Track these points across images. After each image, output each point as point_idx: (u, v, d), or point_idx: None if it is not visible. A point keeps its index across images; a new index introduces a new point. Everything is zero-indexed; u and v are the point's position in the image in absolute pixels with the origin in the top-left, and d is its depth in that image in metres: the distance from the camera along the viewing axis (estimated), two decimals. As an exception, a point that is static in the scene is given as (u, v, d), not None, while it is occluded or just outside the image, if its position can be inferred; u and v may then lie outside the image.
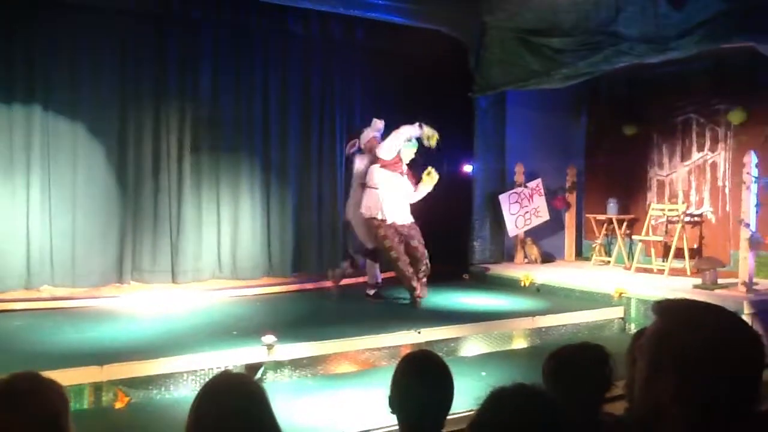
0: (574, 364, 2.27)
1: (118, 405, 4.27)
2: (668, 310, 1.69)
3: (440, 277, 8.51)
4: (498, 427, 1.38)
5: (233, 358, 4.77)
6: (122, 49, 7.66)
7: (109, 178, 7.65)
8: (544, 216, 9.05)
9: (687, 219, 8.21)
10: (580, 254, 9.67)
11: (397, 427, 2.24)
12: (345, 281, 7.64)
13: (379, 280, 7.36)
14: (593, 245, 9.24)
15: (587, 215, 9.55)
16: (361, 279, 7.81)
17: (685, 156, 8.66)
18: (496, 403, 1.42)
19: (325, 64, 8.95)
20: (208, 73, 8.14)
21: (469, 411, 3.09)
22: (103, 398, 4.35)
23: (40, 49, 7.22)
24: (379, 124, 7.31)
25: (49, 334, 5.45)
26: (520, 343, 6.21)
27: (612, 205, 9.01)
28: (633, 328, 6.51)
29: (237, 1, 7.97)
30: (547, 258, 9.21)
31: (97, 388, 4.32)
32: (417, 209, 9.41)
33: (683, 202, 8.45)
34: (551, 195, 9.28)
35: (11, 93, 7.13)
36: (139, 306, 6.74)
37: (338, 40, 8.93)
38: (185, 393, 4.53)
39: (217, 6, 8.02)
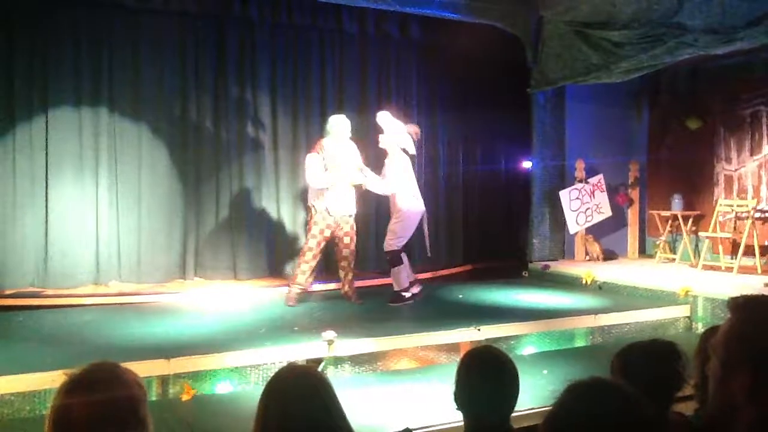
0: (645, 361, 2.21)
1: (185, 397, 4.37)
2: (744, 307, 1.64)
3: (499, 274, 8.47)
4: (576, 421, 1.36)
5: (295, 353, 4.84)
6: (182, 50, 7.88)
7: (171, 177, 7.87)
8: (606, 212, 8.87)
9: (757, 215, 7.92)
10: (643, 251, 9.44)
11: (461, 423, 2.23)
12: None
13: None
14: (657, 242, 9.01)
15: (651, 211, 9.31)
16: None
17: (755, 150, 8.35)
18: (574, 396, 1.40)
19: (381, 62, 8.99)
20: (266, 73, 8.29)
21: (531, 409, 3.07)
22: (170, 391, 4.47)
23: (105, 54, 7.50)
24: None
25: (118, 328, 5.63)
26: (581, 342, 6.11)
27: (677, 201, 8.76)
28: (700, 328, 6.31)
29: (293, 2, 8.08)
30: (609, 255, 9.02)
31: (165, 380, 4.45)
32: (473, 205, 9.39)
33: (753, 198, 8.16)
34: (613, 191, 9.09)
35: (79, 96, 7.43)
36: (203, 301, 6.90)
37: (394, 38, 8.96)
38: (249, 386, 4.63)
39: (274, 6, 8.14)
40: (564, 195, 8.68)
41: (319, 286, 7.65)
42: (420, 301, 6.80)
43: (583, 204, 8.72)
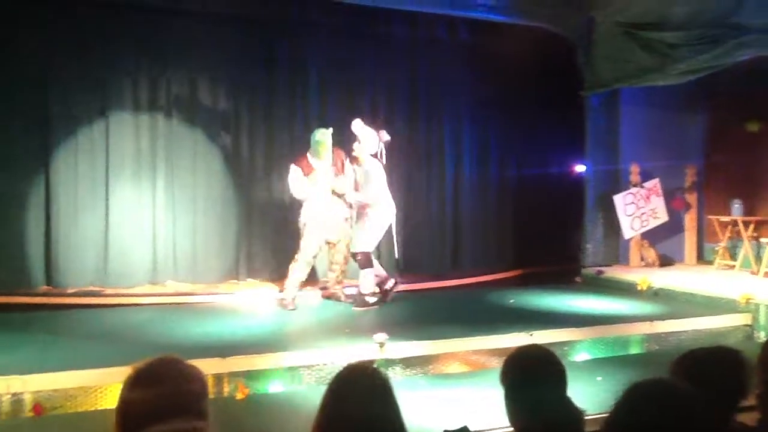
0: (707, 368, 2.14)
1: (239, 396, 4.45)
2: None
3: (551, 280, 8.36)
4: (638, 420, 1.34)
5: (347, 354, 4.87)
6: (237, 54, 8.05)
7: (226, 179, 8.05)
8: (662, 217, 8.67)
9: (823, 221, 7.63)
10: (701, 258, 9.18)
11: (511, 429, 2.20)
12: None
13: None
14: (716, 248, 8.75)
15: (709, 216, 9.05)
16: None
17: (820, 153, 8.06)
18: (636, 395, 1.38)
19: (431, 66, 9.00)
20: (316, 77, 8.40)
21: (586, 416, 3.00)
22: (225, 389, 4.55)
23: (162, 59, 7.72)
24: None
25: (174, 327, 5.77)
26: (637, 349, 5.99)
27: (737, 206, 8.49)
28: (762, 336, 6.11)
29: (344, 6, 8.14)
30: (665, 261, 8.81)
31: (219, 379, 4.53)
32: (524, 209, 9.27)
33: (818, 203, 7.87)
34: (669, 195, 8.87)
35: (138, 102, 7.68)
36: (256, 302, 7.01)
37: (443, 41, 8.96)
38: (301, 386, 4.68)
39: (327, 11, 8.22)
40: (618, 199, 8.52)
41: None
42: (469, 304, 6.76)
43: (638, 209, 8.54)
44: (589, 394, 4.18)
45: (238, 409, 4.29)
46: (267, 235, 8.20)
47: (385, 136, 6.84)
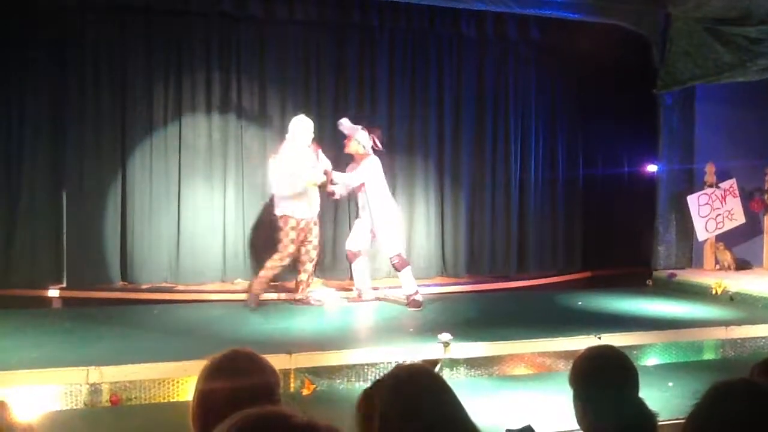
0: None
1: (305, 392, 4.53)
2: None
3: (620, 282, 8.17)
4: (721, 419, 1.30)
5: (411, 353, 4.89)
6: (305, 58, 8.19)
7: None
8: (739, 219, 8.34)
9: None
10: (780, 261, 8.79)
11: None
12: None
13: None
14: (797, 252, 8.37)
15: (790, 219, 8.66)
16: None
17: None
18: (719, 394, 1.34)
19: (499, 65, 8.93)
20: (384, 78, 8.44)
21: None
22: (291, 385, 4.64)
23: (233, 63, 7.92)
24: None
25: (242, 323, 5.91)
26: (711, 355, 5.78)
27: (820, 208, 8.11)
28: None
29: (412, 7, 8.16)
30: (741, 265, 8.46)
31: (286, 374, 4.61)
32: (593, 210, 9.06)
33: None
34: (747, 196, 8.52)
35: (210, 103, 7.89)
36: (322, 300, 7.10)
37: (512, 40, 8.88)
38: (366, 384, 4.71)
39: (394, 13, 8.27)
40: (692, 200, 8.25)
41: (435, 289, 7.72)
42: (535, 306, 6.68)
43: (713, 210, 8.24)
44: (660, 400, 4.07)
45: (303, 405, 4.36)
46: (334, 234, 8.28)
47: (375, 132, 6.77)
